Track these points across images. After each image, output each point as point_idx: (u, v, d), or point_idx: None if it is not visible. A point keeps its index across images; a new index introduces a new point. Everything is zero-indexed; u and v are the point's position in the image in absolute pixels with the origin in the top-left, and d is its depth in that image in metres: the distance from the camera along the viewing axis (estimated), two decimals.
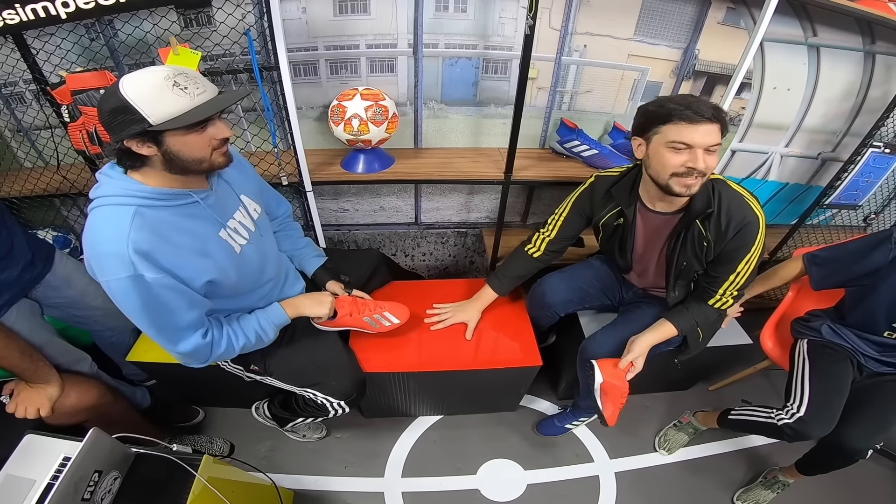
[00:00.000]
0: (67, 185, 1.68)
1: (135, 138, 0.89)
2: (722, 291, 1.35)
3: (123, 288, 0.93)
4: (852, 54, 1.79)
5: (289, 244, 1.51)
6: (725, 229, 1.24)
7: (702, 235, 1.29)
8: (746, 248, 1.26)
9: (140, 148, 0.91)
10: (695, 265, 1.35)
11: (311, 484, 1.72)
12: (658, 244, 1.42)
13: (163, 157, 0.93)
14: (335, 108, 1.65)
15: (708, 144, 1.13)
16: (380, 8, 1.60)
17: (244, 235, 1.16)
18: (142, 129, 0.86)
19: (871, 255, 1.38)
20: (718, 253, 1.30)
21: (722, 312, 1.41)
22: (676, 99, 1.15)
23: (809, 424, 1.37)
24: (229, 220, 1.13)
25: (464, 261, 2.52)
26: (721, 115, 1.13)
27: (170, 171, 0.97)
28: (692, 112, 1.11)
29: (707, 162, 1.15)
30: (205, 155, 0.97)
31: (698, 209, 1.25)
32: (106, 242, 0.92)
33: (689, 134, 1.13)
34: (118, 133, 0.88)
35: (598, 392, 1.40)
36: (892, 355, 1.46)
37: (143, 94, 0.85)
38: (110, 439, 1.01)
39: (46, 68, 1.44)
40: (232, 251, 1.12)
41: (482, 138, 1.98)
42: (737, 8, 1.65)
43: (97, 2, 1.19)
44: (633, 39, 1.72)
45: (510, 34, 1.69)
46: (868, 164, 1.86)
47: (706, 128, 1.12)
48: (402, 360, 1.56)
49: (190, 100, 0.89)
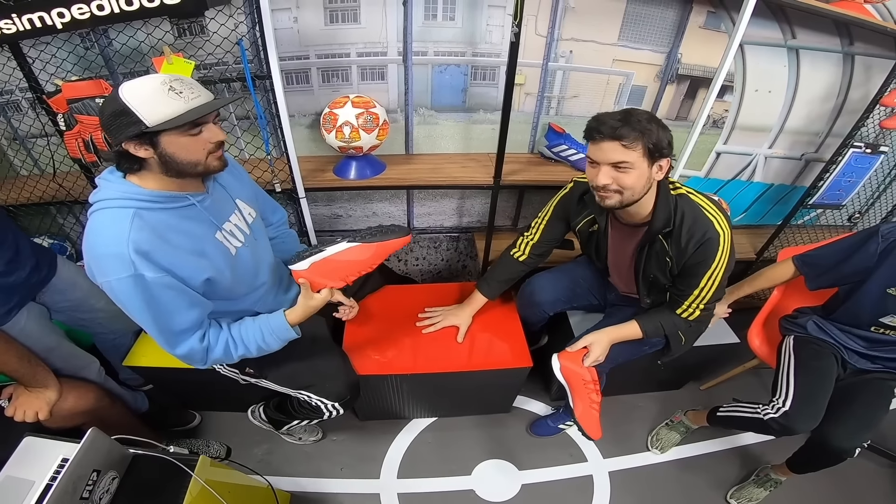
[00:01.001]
0: (63, 193, 1.70)
1: (132, 140, 0.93)
2: (688, 304, 1.36)
3: (124, 288, 0.95)
4: (831, 56, 1.83)
5: (285, 249, 1.52)
6: (686, 246, 1.25)
7: (664, 251, 1.30)
8: (707, 265, 1.26)
9: (137, 150, 0.94)
10: (661, 279, 1.37)
11: (308, 486, 1.73)
12: (627, 253, 1.44)
13: (159, 159, 0.96)
14: (327, 115, 1.69)
15: (609, 161, 1.15)
16: (370, 17, 1.64)
17: (239, 238, 1.19)
18: (138, 130, 0.90)
19: (860, 251, 1.39)
20: (681, 268, 1.31)
21: (690, 322, 1.41)
22: (600, 115, 1.17)
23: (794, 418, 1.38)
24: (225, 223, 1.15)
25: (456, 265, 2.54)
26: (624, 132, 1.11)
27: (166, 174, 1.00)
28: (594, 130, 1.15)
29: (616, 179, 1.17)
30: (200, 158, 1.01)
31: (658, 226, 1.26)
32: (107, 244, 0.94)
33: (593, 150, 1.18)
34: (117, 135, 0.92)
35: (564, 382, 1.44)
36: (878, 349, 1.48)
37: (140, 98, 0.90)
38: (108, 439, 1.03)
39: (42, 77, 1.46)
40: (227, 252, 1.14)
41: (472, 144, 2.01)
42: (717, 12, 1.69)
43: (92, 12, 1.22)
44: (617, 44, 1.76)
45: (497, 41, 1.73)
46: (850, 163, 1.89)
47: (606, 145, 1.14)
48: (395, 362, 1.58)
49: (185, 103, 0.93)
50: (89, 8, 1.21)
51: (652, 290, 1.44)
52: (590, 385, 1.41)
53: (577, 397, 1.42)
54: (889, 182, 2.25)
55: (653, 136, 1.12)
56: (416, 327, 1.69)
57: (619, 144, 1.13)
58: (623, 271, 1.51)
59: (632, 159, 1.14)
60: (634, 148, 1.13)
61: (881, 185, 2.24)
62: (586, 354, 1.42)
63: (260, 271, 1.29)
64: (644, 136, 1.12)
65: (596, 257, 1.54)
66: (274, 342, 1.21)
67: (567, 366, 1.43)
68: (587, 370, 1.41)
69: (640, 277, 1.41)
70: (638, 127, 1.11)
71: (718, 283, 1.30)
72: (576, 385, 1.42)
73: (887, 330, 1.43)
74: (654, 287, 1.42)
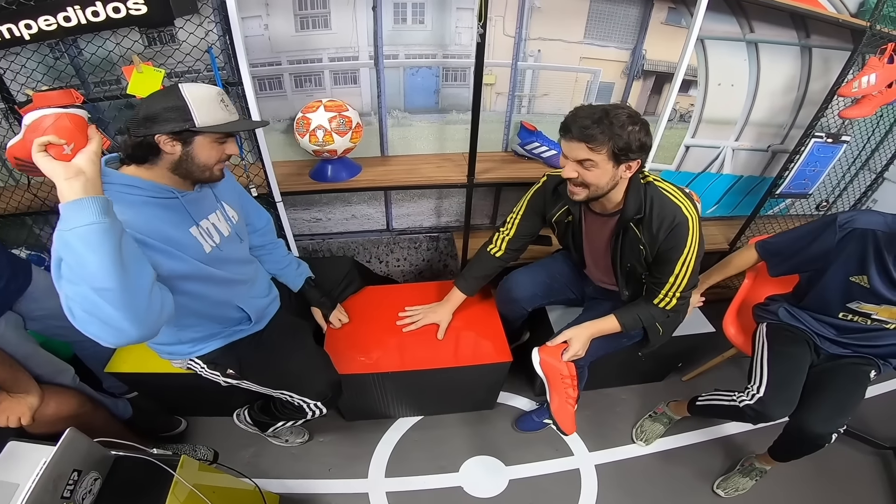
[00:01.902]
0: (39, 203, 1.69)
1: (169, 134, 1.01)
2: (665, 292, 1.38)
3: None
4: (789, 49, 1.89)
5: (273, 265, 1.57)
6: (657, 232, 1.29)
7: (637, 238, 1.33)
8: (679, 249, 1.29)
9: (166, 144, 1.02)
10: (637, 267, 1.40)
11: (296, 487, 1.72)
12: (602, 243, 1.47)
13: (179, 157, 1.05)
14: (300, 120, 1.71)
15: (575, 158, 1.21)
16: (340, 23, 1.67)
17: (215, 238, 1.22)
18: (184, 126, 1.00)
19: (818, 239, 1.42)
20: (655, 255, 1.34)
21: (668, 312, 1.43)
22: (577, 111, 1.20)
23: (769, 405, 1.40)
24: (202, 220, 1.19)
25: (437, 264, 2.56)
26: (591, 133, 1.14)
27: (174, 172, 1.08)
28: (566, 127, 1.19)
29: (581, 174, 1.22)
30: (211, 164, 1.10)
31: (629, 214, 1.29)
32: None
33: (563, 145, 1.23)
34: (158, 127, 1.00)
35: (543, 376, 1.46)
36: (848, 336, 1.51)
37: (198, 100, 1.02)
38: (87, 440, 1.03)
39: (13, 87, 1.47)
40: (200, 248, 1.16)
41: (446, 144, 2.04)
42: (677, 7, 1.74)
43: (59, 23, 1.23)
44: (583, 42, 1.81)
45: (467, 42, 1.76)
46: (812, 153, 1.95)
47: (574, 144, 1.19)
48: (377, 361, 1.59)
49: (229, 115, 1.08)
50: (56, 20, 1.23)
51: (629, 280, 1.46)
52: (567, 380, 1.42)
53: (553, 391, 1.44)
54: (855, 172, 2.32)
55: (622, 140, 1.14)
56: (397, 326, 1.70)
57: (584, 145, 1.17)
58: (599, 261, 1.54)
59: (596, 160, 1.18)
60: (599, 151, 1.16)
61: (846, 174, 2.30)
62: (566, 349, 1.44)
63: (235, 271, 1.30)
64: (612, 139, 1.14)
65: (573, 248, 1.56)
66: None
67: (546, 360, 1.44)
68: (566, 365, 1.43)
69: (617, 267, 1.44)
70: (608, 131, 1.14)
71: (692, 270, 1.33)
72: (553, 379, 1.44)
73: (855, 316, 1.46)
74: (632, 277, 1.44)
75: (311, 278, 1.63)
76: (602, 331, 1.46)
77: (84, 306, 0.82)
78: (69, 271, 0.81)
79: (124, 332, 0.84)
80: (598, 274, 1.62)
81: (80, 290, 0.81)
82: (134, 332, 0.85)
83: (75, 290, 0.81)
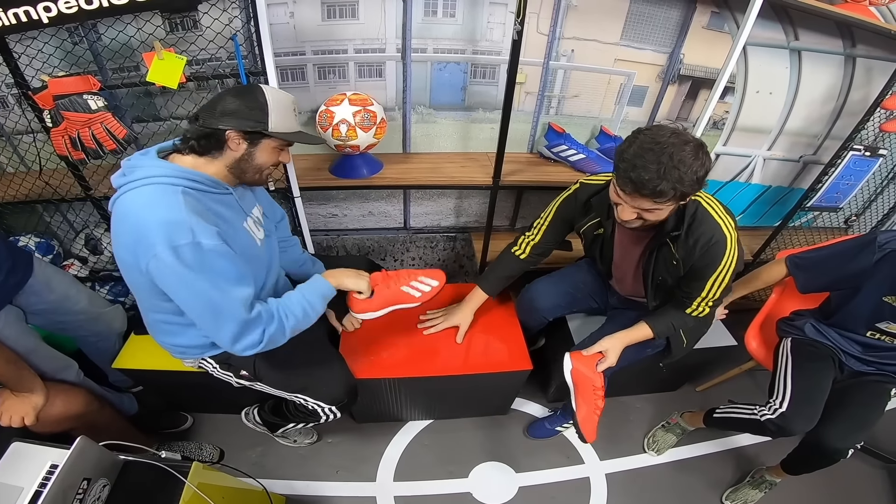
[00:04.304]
0: (50, 192, 1.65)
1: (241, 132, 1.03)
2: (697, 303, 1.35)
3: (183, 257, 0.93)
4: (833, 58, 1.83)
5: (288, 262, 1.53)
6: (693, 248, 1.24)
7: (671, 254, 1.29)
8: (713, 267, 1.25)
9: (234, 140, 1.04)
10: (668, 280, 1.36)
11: (303, 489, 1.71)
12: (634, 256, 1.43)
13: (241, 155, 1.07)
14: (323, 113, 1.65)
15: (637, 208, 1.13)
16: (368, 12, 1.61)
17: (260, 233, 1.24)
18: (256, 127, 1.03)
19: (856, 258, 1.38)
20: (687, 270, 1.30)
21: (699, 320, 1.40)
22: (630, 154, 1.07)
23: (791, 420, 1.38)
24: (250, 215, 1.21)
25: (453, 265, 2.52)
26: (660, 190, 1.04)
27: (229, 169, 1.09)
28: (628, 181, 1.07)
29: (641, 216, 1.15)
30: (266, 168, 1.13)
31: (667, 229, 1.25)
32: (160, 211, 0.94)
33: (620, 193, 1.13)
34: (235, 122, 1.01)
35: (571, 383, 1.42)
36: (873, 354, 1.48)
37: (277, 104, 1.04)
38: (98, 447, 1.00)
39: (28, 72, 1.41)
40: (253, 242, 1.19)
41: (471, 143, 1.99)
42: (721, 12, 1.68)
43: (80, 6, 1.18)
44: (619, 44, 1.75)
45: (498, 39, 1.70)
46: (848, 166, 1.90)
47: (630, 196, 1.10)
48: (393, 365, 1.56)
49: (297, 124, 1.13)
50: (77, 2, 1.17)
51: (658, 291, 1.43)
52: (598, 391, 1.39)
53: (582, 401, 1.40)
54: (886, 185, 2.26)
55: (689, 184, 1.05)
56: (413, 330, 1.66)
57: (651, 201, 1.08)
58: (629, 274, 1.50)
59: (661, 207, 1.11)
60: (666, 203, 1.10)
61: (878, 188, 2.24)
62: (601, 360, 1.41)
63: (271, 267, 1.31)
64: (681, 188, 1.05)
65: (600, 260, 1.53)
66: (317, 301, 1.20)
67: (579, 368, 1.41)
68: (598, 376, 1.39)
69: (649, 281, 1.40)
70: (677, 185, 1.04)
71: (725, 284, 1.30)
72: (584, 389, 1.40)
73: (883, 336, 1.43)
74: (661, 289, 1.42)
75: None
76: (635, 339, 1.43)
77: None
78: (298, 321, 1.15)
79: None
80: (626, 286, 1.58)
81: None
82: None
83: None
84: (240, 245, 1.09)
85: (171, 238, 0.92)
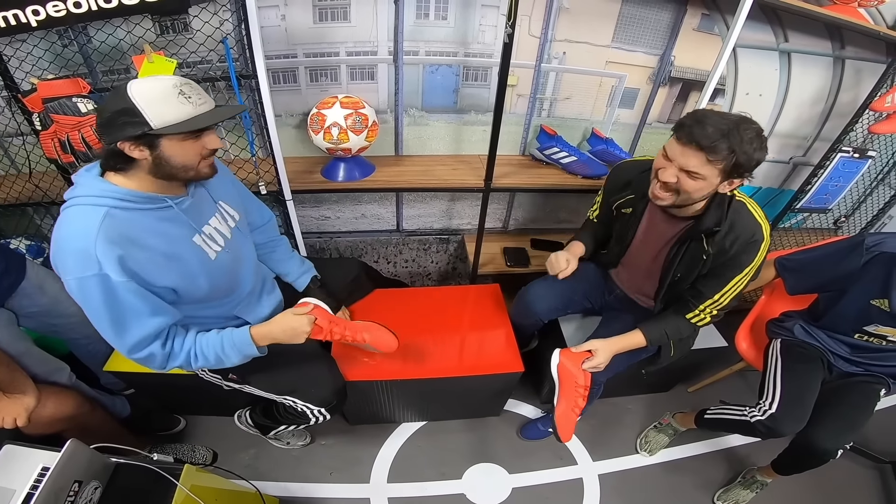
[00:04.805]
0: (40, 194, 1.64)
1: (130, 140, 0.91)
2: (702, 307, 1.34)
3: (86, 287, 0.93)
4: (822, 59, 1.84)
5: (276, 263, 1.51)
6: (731, 244, 1.22)
7: (702, 249, 1.27)
8: (741, 267, 1.24)
9: (132, 150, 0.93)
10: (687, 278, 1.35)
11: (297, 491, 1.71)
12: (656, 245, 1.41)
13: (153, 161, 0.95)
14: (314, 116, 1.65)
15: (683, 167, 1.12)
16: (360, 15, 1.60)
17: (219, 243, 1.16)
18: (141, 131, 0.90)
19: (844, 261, 1.39)
20: (712, 266, 1.28)
21: (696, 328, 1.40)
22: (699, 115, 1.10)
23: (781, 421, 1.39)
24: (204, 227, 1.13)
25: (446, 267, 2.52)
26: (717, 147, 1.05)
27: (155, 176, 0.99)
28: (689, 130, 1.08)
29: (681, 181, 1.14)
30: (193, 163, 1.00)
31: (706, 225, 1.23)
32: (73, 239, 0.92)
33: (673, 146, 1.14)
34: (116, 134, 0.90)
35: (556, 378, 1.44)
36: (862, 356, 1.49)
37: (150, 99, 0.89)
38: (89, 450, 1.01)
39: (18, 75, 1.41)
40: (206, 257, 1.11)
41: (463, 145, 1.99)
42: (711, 14, 1.68)
43: (68, 9, 1.17)
44: (610, 46, 1.75)
45: (490, 41, 1.70)
46: (837, 168, 1.91)
47: (689, 150, 1.09)
48: (384, 367, 1.56)
49: (193, 108, 0.94)
50: (66, 5, 1.17)
51: (670, 290, 1.42)
52: (580, 389, 1.40)
53: (563, 396, 1.42)
54: (875, 186, 2.28)
55: (742, 158, 1.06)
56: (406, 331, 1.65)
57: (703, 156, 1.08)
58: (643, 263, 1.49)
59: (706, 173, 1.10)
60: (716, 165, 1.08)
61: (867, 189, 2.26)
62: (588, 359, 1.41)
63: (241, 276, 1.27)
64: (736, 155, 1.06)
65: (616, 241, 1.52)
66: (233, 354, 1.15)
67: (565, 364, 1.42)
68: (583, 374, 1.41)
69: (668, 276, 1.38)
70: (737, 147, 1.05)
71: (739, 290, 1.29)
72: (567, 385, 1.42)
73: (871, 338, 1.44)
74: (674, 288, 1.40)
75: (316, 277, 1.56)
76: (627, 346, 1.43)
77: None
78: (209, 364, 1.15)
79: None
80: (631, 276, 1.58)
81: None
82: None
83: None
84: (186, 262, 1.06)
85: (76, 269, 0.91)
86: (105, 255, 0.91)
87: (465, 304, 1.85)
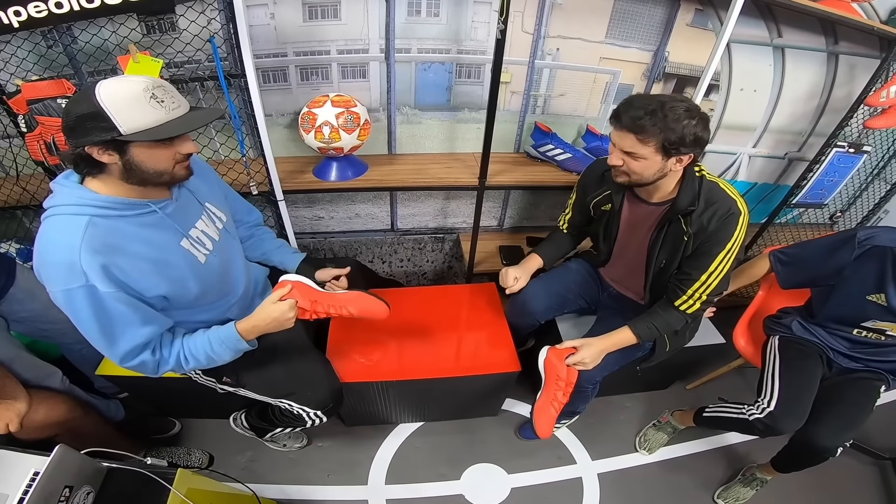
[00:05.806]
0: (28, 197, 1.62)
1: (98, 145, 0.87)
2: (691, 292, 1.33)
3: (74, 299, 0.91)
4: (816, 55, 1.83)
5: (262, 247, 1.47)
6: (708, 221, 1.24)
7: (681, 230, 1.28)
8: (723, 242, 1.24)
9: (101, 155, 0.89)
10: (672, 264, 1.35)
11: (294, 494, 1.69)
12: (640, 234, 1.42)
13: (123, 166, 0.92)
14: (305, 115, 1.63)
15: (622, 148, 1.19)
16: (351, 13, 1.59)
17: (208, 246, 1.14)
18: (109, 137, 0.85)
19: (836, 254, 1.39)
20: (695, 247, 1.29)
21: (687, 317, 1.38)
22: (632, 100, 1.17)
23: (780, 419, 1.38)
24: (191, 230, 1.11)
25: (442, 266, 2.51)
26: (642, 125, 1.11)
27: (127, 181, 0.95)
28: (617, 115, 1.16)
29: (626, 163, 1.20)
30: (167, 167, 0.96)
31: (682, 205, 1.25)
32: (57, 251, 0.90)
33: (612, 133, 1.21)
34: (82, 138, 0.86)
35: (543, 373, 1.47)
36: (861, 351, 1.49)
37: (119, 103, 0.85)
38: (79, 455, 0.99)
39: (2, 77, 1.39)
40: (195, 261, 1.09)
41: (457, 143, 1.97)
42: (704, 10, 1.68)
43: (49, 10, 1.15)
44: (604, 42, 1.74)
45: (483, 38, 1.69)
46: (833, 163, 1.90)
47: (619, 133, 1.17)
48: (380, 368, 1.55)
49: (165, 113, 0.90)
50: (47, 6, 1.15)
51: (657, 280, 1.42)
52: (560, 383, 1.41)
53: (545, 390, 1.45)
54: (870, 181, 2.28)
55: (675, 133, 1.11)
56: (401, 331, 1.65)
57: (633, 136, 1.14)
58: (630, 256, 1.49)
59: (643, 153, 1.15)
60: (648, 143, 1.14)
61: (862, 184, 2.26)
62: (571, 354, 1.42)
63: (232, 279, 1.25)
64: (664, 132, 1.11)
65: (603, 239, 1.52)
66: (223, 351, 1.13)
67: (551, 359, 1.44)
68: (565, 369, 1.41)
69: (652, 264, 1.39)
70: (661, 123, 1.10)
71: (727, 270, 1.29)
72: (549, 378, 1.44)
73: (869, 333, 1.43)
74: (660, 277, 1.40)
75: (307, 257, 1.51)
76: (617, 344, 1.42)
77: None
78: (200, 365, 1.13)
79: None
80: (621, 272, 1.58)
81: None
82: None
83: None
84: (174, 268, 1.05)
85: (62, 281, 0.90)
86: (90, 265, 0.89)
87: (462, 303, 1.84)
